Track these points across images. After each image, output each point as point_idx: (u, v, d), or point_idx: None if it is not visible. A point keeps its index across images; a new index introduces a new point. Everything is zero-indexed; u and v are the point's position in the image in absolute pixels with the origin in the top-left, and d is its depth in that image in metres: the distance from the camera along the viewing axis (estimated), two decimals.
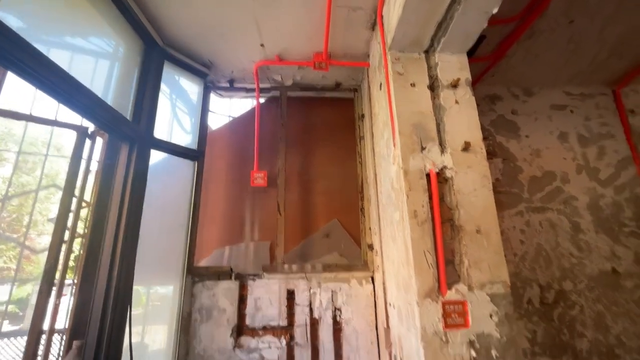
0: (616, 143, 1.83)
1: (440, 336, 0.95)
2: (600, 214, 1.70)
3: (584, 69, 1.80)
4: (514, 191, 1.72)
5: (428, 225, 1.06)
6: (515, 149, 1.80)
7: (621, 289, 1.59)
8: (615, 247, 1.65)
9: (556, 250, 1.63)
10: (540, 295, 1.56)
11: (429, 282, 1.00)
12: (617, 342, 1.52)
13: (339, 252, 1.76)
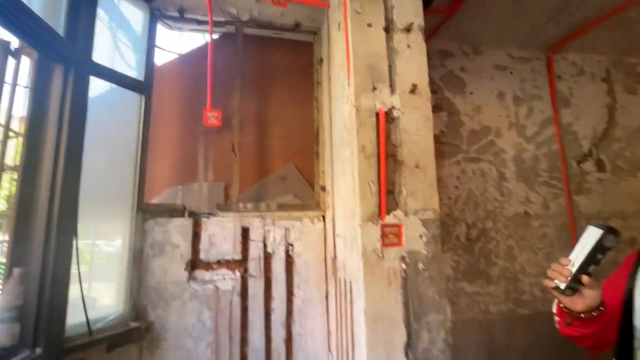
0: (542, 104, 2.06)
1: (377, 253, 1.09)
2: (522, 166, 1.96)
3: (525, 32, 1.96)
4: (454, 143, 1.89)
5: (374, 159, 1.15)
6: (460, 104, 1.95)
7: (529, 227, 1.89)
8: (529, 194, 1.93)
9: (484, 195, 1.87)
10: (467, 232, 1.81)
11: (371, 209, 1.12)
12: (520, 269, 1.84)
13: (293, 194, 1.83)
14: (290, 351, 1.61)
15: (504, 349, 1.73)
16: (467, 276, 1.76)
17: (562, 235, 1.93)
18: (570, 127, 2.08)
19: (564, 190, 1.99)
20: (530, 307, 1.81)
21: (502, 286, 1.79)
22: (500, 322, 1.75)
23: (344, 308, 1.30)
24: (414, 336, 1.06)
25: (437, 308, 1.09)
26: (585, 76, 2.18)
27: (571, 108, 2.11)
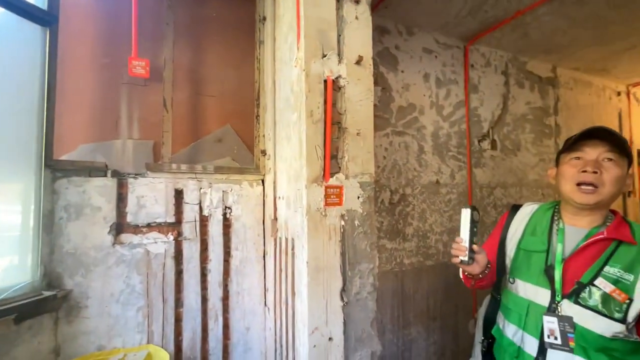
0: (457, 88, 2.38)
1: (321, 211, 1.18)
2: (437, 141, 2.26)
3: (450, 21, 2.19)
4: (385, 116, 2.07)
5: (320, 124, 1.21)
6: (392, 80, 2.11)
7: (439, 194, 2.23)
8: (441, 166, 2.26)
9: (406, 165, 2.12)
10: (390, 197, 2.04)
11: (316, 171, 1.19)
12: (429, 229, 2.18)
13: (231, 156, 1.79)
14: (227, 309, 1.66)
15: (412, 293, 2.08)
16: (388, 235, 2.02)
17: (462, 201, 2.33)
18: (476, 111, 2.46)
19: (467, 163, 2.37)
20: (434, 259, 2.19)
21: (414, 243, 2.11)
22: (410, 272, 2.08)
23: (285, 264, 1.39)
24: (348, 282, 1.21)
25: (368, 258, 1.25)
26: (491, 68, 2.56)
27: (478, 94, 2.48)
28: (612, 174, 0.96)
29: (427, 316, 2.14)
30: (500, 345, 1.18)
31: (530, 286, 1.06)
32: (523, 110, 2.73)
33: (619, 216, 1.02)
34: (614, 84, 3.53)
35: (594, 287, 0.93)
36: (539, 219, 1.14)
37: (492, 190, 2.50)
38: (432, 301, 2.16)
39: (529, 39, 2.47)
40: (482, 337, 1.28)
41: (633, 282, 0.90)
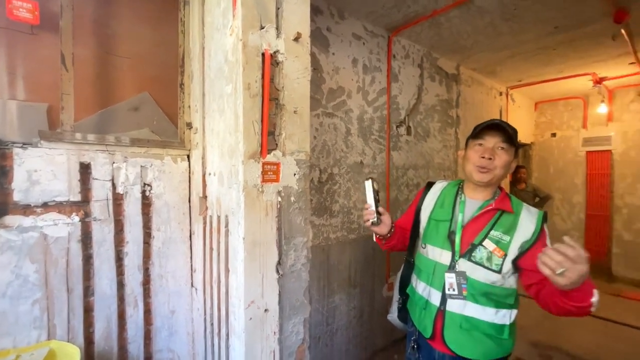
0: (381, 76, 2.56)
1: (258, 188, 1.17)
2: (362, 124, 2.42)
3: (377, 11, 2.31)
4: (317, 97, 2.11)
5: (258, 99, 1.18)
6: (324, 62, 2.15)
7: (362, 173, 2.41)
8: (365, 148, 2.43)
9: (334, 146, 2.22)
10: (319, 176, 2.13)
11: (253, 147, 1.17)
12: (353, 205, 2.36)
13: (150, 128, 1.61)
14: (149, 293, 1.54)
15: (337, 264, 2.24)
16: (317, 212, 2.12)
17: (381, 180, 2.57)
18: (395, 99, 2.69)
19: (386, 147, 2.61)
20: (356, 233, 2.39)
21: (340, 218, 2.26)
22: (336, 246, 2.24)
23: (217, 242, 1.35)
24: (284, 256, 1.25)
25: (303, 232, 1.31)
26: (409, 60, 2.82)
27: (398, 83, 2.71)
28: (502, 159, 1.20)
29: (349, 284, 2.34)
30: (412, 300, 1.38)
31: (437, 249, 1.26)
32: (433, 101, 3.10)
33: (504, 192, 1.27)
34: (498, 85, 4.26)
35: (482, 247, 1.17)
36: (447, 194, 1.35)
37: (406, 171, 2.81)
38: (354, 271, 2.37)
39: (441, 38, 2.78)
40: (398, 296, 1.47)
41: (508, 242, 1.15)
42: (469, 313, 1.17)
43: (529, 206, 1.22)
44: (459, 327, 1.18)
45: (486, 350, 1.17)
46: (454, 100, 3.37)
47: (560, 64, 3.56)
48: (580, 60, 3.44)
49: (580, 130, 4.93)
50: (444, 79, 3.24)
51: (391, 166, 2.66)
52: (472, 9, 2.30)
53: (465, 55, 3.24)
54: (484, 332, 1.16)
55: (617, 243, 4.61)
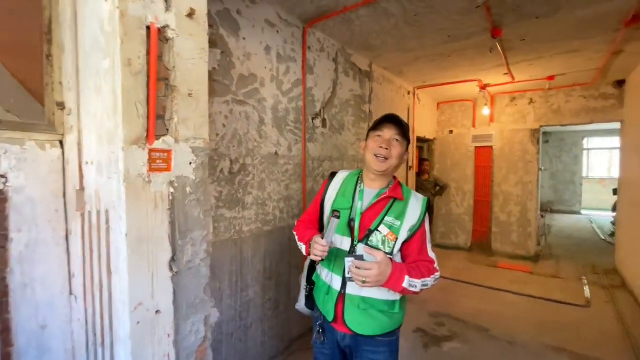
0: (296, 67, 2.55)
1: (143, 177, 1.05)
2: (277, 115, 2.38)
3: (292, 1, 2.28)
4: (225, 83, 1.99)
5: (142, 77, 1.05)
6: (234, 46, 2.04)
7: (277, 165, 2.39)
8: (280, 139, 2.41)
9: (246, 136, 2.14)
10: (230, 167, 2.03)
11: (137, 132, 1.04)
12: (268, 197, 2.32)
13: (5, 107, 1.30)
14: (7, 308, 1.26)
15: (251, 257, 2.19)
16: (227, 204, 2.02)
17: (297, 172, 2.58)
18: (311, 91, 2.72)
19: (302, 138, 2.63)
20: (272, 225, 2.36)
21: (253, 211, 2.20)
22: (249, 239, 2.18)
23: (97, 241, 1.17)
24: (179, 251, 1.15)
25: (202, 225, 1.22)
26: (324, 53, 2.87)
27: (313, 75, 2.74)
28: (397, 150, 1.31)
29: (264, 277, 2.31)
30: (317, 287, 1.42)
31: (338, 237, 1.31)
32: (347, 96, 3.23)
33: (396, 181, 1.39)
34: (407, 84, 4.67)
35: (378, 231, 1.26)
36: (348, 183, 1.42)
37: (322, 163, 2.89)
38: (269, 263, 2.35)
39: (354, 35, 2.90)
40: (305, 284, 1.50)
41: (399, 227, 1.26)
42: (365, 293, 1.26)
43: (416, 193, 1.36)
44: (358, 307, 1.26)
45: (381, 325, 1.27)
46: (367, 96, 3.58)
47: (454, 70, 4.06)
48: (470, 68, 3.98)
49: (471, 129, 5.74)
50: (358, 75, 3.40)
51: (307, 157, 2.69)
52: (379, 10, 2.45)
53: (376, 54, 3.45)
54: (379, 309, 1.26)
55: (496, 223, 5.55)
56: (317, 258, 1.20)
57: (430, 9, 2.44)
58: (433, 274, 1.24)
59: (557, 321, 3.22)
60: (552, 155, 10.20)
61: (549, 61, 3.72)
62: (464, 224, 5.84)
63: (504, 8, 2.46)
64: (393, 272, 1.13)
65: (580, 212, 9.77)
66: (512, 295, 3.86)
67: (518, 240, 5.35)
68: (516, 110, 5.34)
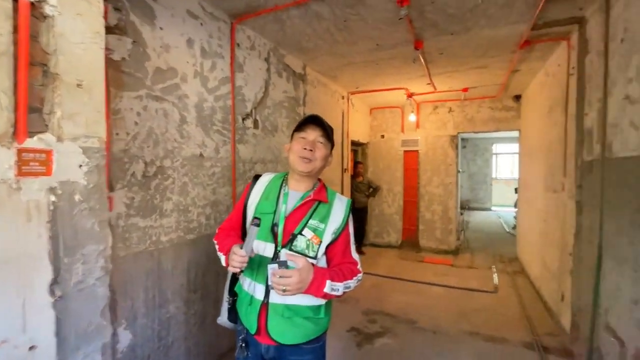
0: (224, 64, 2.41)
1: (9, 183, 0.85)
2: (202, 113, 2.22)
3: None
4: (138, 76, 1.78)
5: (7, 60, 0.85)
6: (148, 36, 1.84)
7: (202, 167, 2.22)
8: (205, 139, 2.25)
9: (165, 135, 1.94)
10: (144, 169, 1.82)
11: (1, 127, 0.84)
12: (192, 202, 2.14)
13: None
14: None
15: (171, 269, 1.99)
16: (141, 212, 1.80)
17: (225, 174, 2.44)
18: (240, 90, 2.60)
19: (231, 139, 2.49)
20: (196, 232, 2.18)
21: (174, 218, 2.01)
22: (169, 249, 1.98)
23: None
24: (65, 271, 0.96)
25: (98, 239, 1.05)
26: (255, 52, 2.78)
27: (243, 74, 2.62)
28: (321, 152, 1.29)
29: (188, 290, 2.12)
30: (240, 298, 1.33)
31: (261, 243, 1.24)
32: (281, 97, 3.18)
33: (321, 183, 1.37)
34: (341, 89, 4.79)
35: (302, 235, 1.22)
36: (272, 187, 1.36)
37: (254, 165, 2.78)
38: (194, 274, 2.16)
39: (286, 35, 2.86)
40: (228, 296, 1.40)
41: (323, 230, 1.24)
42: (290, 301, 1.21)
43: (340, 195, 1.36)
44: (282, 316, 1.20)
45: (306, 332, 1.23)
46: (301, 99, 3.56)
47: (383, 77, 4.29)
48: (397, 76, 4.24)
49: (400, 134, 6.14)
50: (292, 77, 3.37)
51: (237, 159, 2.56)
52: (310, 12, 2.45)
53: (310, 57, 3.46)
54: (303, 316, 1.22)
55: (422, 221, 6.01)
56: (236, 270, 1.11)
57: (358, 16, 2.52)
58: (355, 275, 1.25)
59: (473, 307, 3.58)
60: (468, 158, 11.49)
61: (463, 74, 4.15)
62: (395, 223, 6.21)
63: (424, 22, 2.66)
64: (314, 278, 1.10)
65: (491, 208, 11.17)
66: (437, 287, 4.19)
67: (441, 236, 5.87)
68: (438, 118, 5.86)
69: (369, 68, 3.89)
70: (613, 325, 1.95)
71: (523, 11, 2.46)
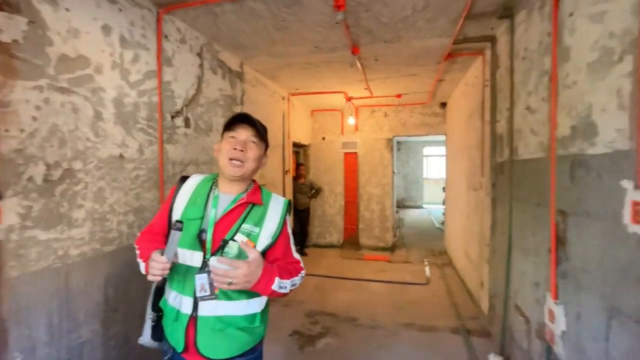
0: (149, 56, 2.19)
1: None
2: (122, 110, 1.98)
3: None
4: (36, 62, 1.51)
5: None
6: (50, 17, 1.57)
7: (123, 170, 1.98)
8: (127, 138, 2.01)
9: (74, 133, 1.68)
10: (46, 173, 1.55)
11: None
12: (110, 210, 1.89)
13: None
14: None
15: (84, 287, 1.72)
16: (42, 222, 1.53)
17: (152, 177, 2.21)
18: (169, 85, 2.39)
19: (159, 138, 2.27)
20: (116, 244, 1.93)
21: (87, 228, 1.75)
22: (81, 264, 1.71)
23: None
24: None
25: None
26: (186, 45, 2.58)
27: (172, 68, 2.42)
28: (254, 152, 1.22)
29: (106, 309, 1.87)
30: (165, 314, 1.20)
31: (187, 252, 1.14)
32: (216, 95, 3.01)
33: (256, 184, 1.30)
34: (281, 90, 4.74)
35: (234, 241, 1.14)
36: (201, 190, 1.26)
37: (185, 167, 2.58)
38: (113, 291, 1.91)
39: (220, 30, 2.72)
40: (152, 313, 1.26)
41: (258, 234, 1.17)
42: (221, 312, 1.13)
43: (277, 196, 1.31)
44: (212, 329, 1.12)
45: (240, 344, 1.16)
46: (238, 98, 3.43)
47: (323, 80, 4.36)
48: (336, 80, 4.34)
49: (340, 136, 6.30)
50: (228, 75, 3.22)
51: (166, 161, 2.35)
52: (245, 8, 2.35)
53: (247, 55, 3.35)
54: (237, 327, 1.14)
55: (362, 220, 6.25)
56: (156, 278, 1.01)
57: (296, 16, 2.51)
58: (299, 272, 1.22)
59: (408, 300, 3.81)
60: (402, 160, 12.32)
61: (397, 81, 4.41)
62: (337, 223, 6.35)
63: (359, 29, 2.75)
64: (263, 274, 1.04)
65: (423, 206, 12.12)
66: (376, 283, 4.38)
67: (379, 234, 6.17)
68: (375, 122, 6.16)
69: (308, 70, 3.91)
70: (520, 305, 2.22)
71: (446, 27, 2.69)
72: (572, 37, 1.56)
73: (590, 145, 1.41)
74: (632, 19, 1.16)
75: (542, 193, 1.86)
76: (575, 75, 1.53)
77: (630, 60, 1.18)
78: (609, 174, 1.28)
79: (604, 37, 1.32)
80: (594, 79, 1.39)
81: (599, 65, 1.36)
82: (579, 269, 1.49)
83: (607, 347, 1.28)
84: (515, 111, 2.37)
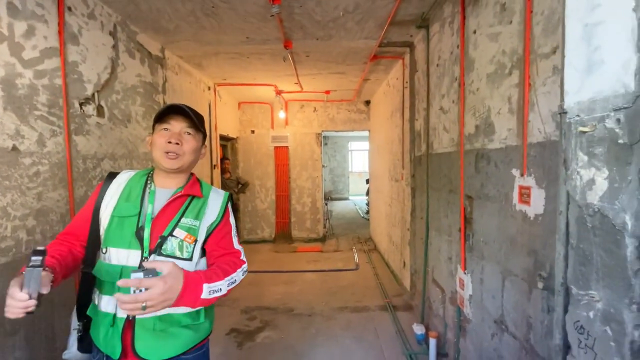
0: (48, 30, 1.85)
1: None
2: (15, 92, 1.64)
3: None
4: None
5: None
6: None
7: (18, 165, 1.65)
8: (21, 127, 1.68)
9: None
10: None
11: None
12: (2, 213, 1.56)
13: None
14: None
15: None
16: None
17: (58, 174, 1.89)
18: (76, 67, 2.06)
19: (64, 128, 1.95)
20: (11, 254, 1.61)
21: None
22: None
23: None
24: None
25: None
26: (96, 22, 2.25)
27: (79, 47, 2.08)
28: (191, 145, 1.15)
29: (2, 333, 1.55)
30: (95, 321, 1.09)
31: (123, 251, 1.04)
32: (134, 81, 2.70)
33: (194, 177, 1.24)
34: (207, 79, 4.47)
35: (173, 237, 1.08)
36: (134, 185, 1.15)
37: (100, 162, 2.27)
38: None
39: (139, 9, 2.44)
40: (77, 323, 1.11)
41: (198, 227, 1.12)
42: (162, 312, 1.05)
43: (217, 189, 1.26)
44: (152, 330, 1.04)
45: (184, 341, 1.10)
46: (160, 85, 3.12)
47: (253, 72, 4.25)
48: (267, 73, 4.28)
49: (270, 130, 6.24)
50: (147, 59, 2.91)
51: (75, 155, 2.03)
52: None
53: (170, 40, 3.07)
54: (181, 325, 1.09)
55: (294, 214, 6.34)
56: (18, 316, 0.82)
57: (228, 4, 2.40)
58: (240, 266, 1.12)
59: (340, 285, 4.05)
60: (330, 154, 12.81)
61: (326, 78, 4.57)
62: (268, 217, 6.31)
63: (293, 24, 2.77)
64: (186, 286, 0.91)
65: (349, 198, 12.85)
66: (310, 273, 4.52)
67: (311, 226, 6.35)
68: (305, 116, 6.27)
69: (238, 60, 3.77)
70: (437, 279, 2.58)
71: (373, 30, 2.90)
72: (476, 50, 1.86)
73: (489, 141, 1.71)
74: (519, 42, 1.45)
75: (453, 181, 2.19)
76: (478, 83, 1.83)
77: (517, 74, 1.47)
78: (503, 164, 1.58)
79: (499, 53, 1.62)
80: (492, 87, 1.69)
81: (495, 76, 1.66)
82: (481, 243, 1.80)
83: (502, 302, 1.59)
84: (431, 111, 2.70)
